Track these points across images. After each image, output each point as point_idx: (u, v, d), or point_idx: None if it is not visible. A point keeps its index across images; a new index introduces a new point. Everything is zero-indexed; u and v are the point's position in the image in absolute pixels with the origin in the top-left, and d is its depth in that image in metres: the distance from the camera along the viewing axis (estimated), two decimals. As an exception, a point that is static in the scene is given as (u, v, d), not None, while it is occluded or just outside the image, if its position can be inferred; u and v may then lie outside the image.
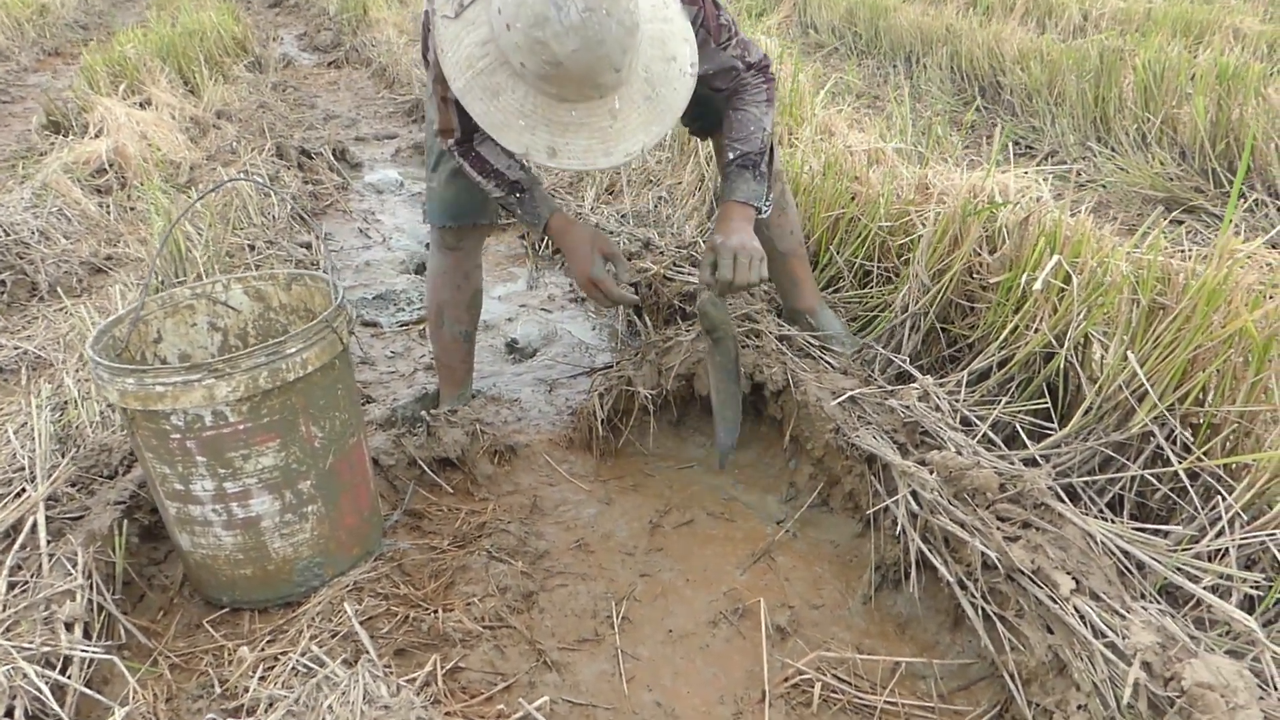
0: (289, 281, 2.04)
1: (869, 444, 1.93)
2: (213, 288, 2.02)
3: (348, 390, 1.84)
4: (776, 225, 2.45)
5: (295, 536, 1.79)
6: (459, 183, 2.29)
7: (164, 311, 1.97)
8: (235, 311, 2.05)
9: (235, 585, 1.80)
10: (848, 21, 8.57)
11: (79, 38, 9.65)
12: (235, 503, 1.71)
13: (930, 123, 4.04)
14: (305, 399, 1.71)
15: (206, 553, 1.77)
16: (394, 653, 1.70)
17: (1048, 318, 2.04)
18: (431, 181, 2.36)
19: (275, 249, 3.44)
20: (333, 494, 1.81)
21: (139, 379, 1.59)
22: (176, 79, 5.99)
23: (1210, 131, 4.21)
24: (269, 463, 1.70)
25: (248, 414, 1.64)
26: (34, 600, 1.61)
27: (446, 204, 2.35)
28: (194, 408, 1.60)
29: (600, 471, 2.34)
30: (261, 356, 1.62)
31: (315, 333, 1.70)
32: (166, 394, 1.59)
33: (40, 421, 2.13)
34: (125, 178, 4.32)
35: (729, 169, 2.09)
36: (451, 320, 2.46)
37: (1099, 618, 1.43)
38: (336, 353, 1.76)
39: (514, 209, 2.14)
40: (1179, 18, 6.65)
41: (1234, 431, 1.73)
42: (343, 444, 1.82)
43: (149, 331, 1.94)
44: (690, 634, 1.80)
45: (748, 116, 2.10)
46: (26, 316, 3.14)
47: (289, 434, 1.71)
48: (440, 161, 2.32)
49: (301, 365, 1.67)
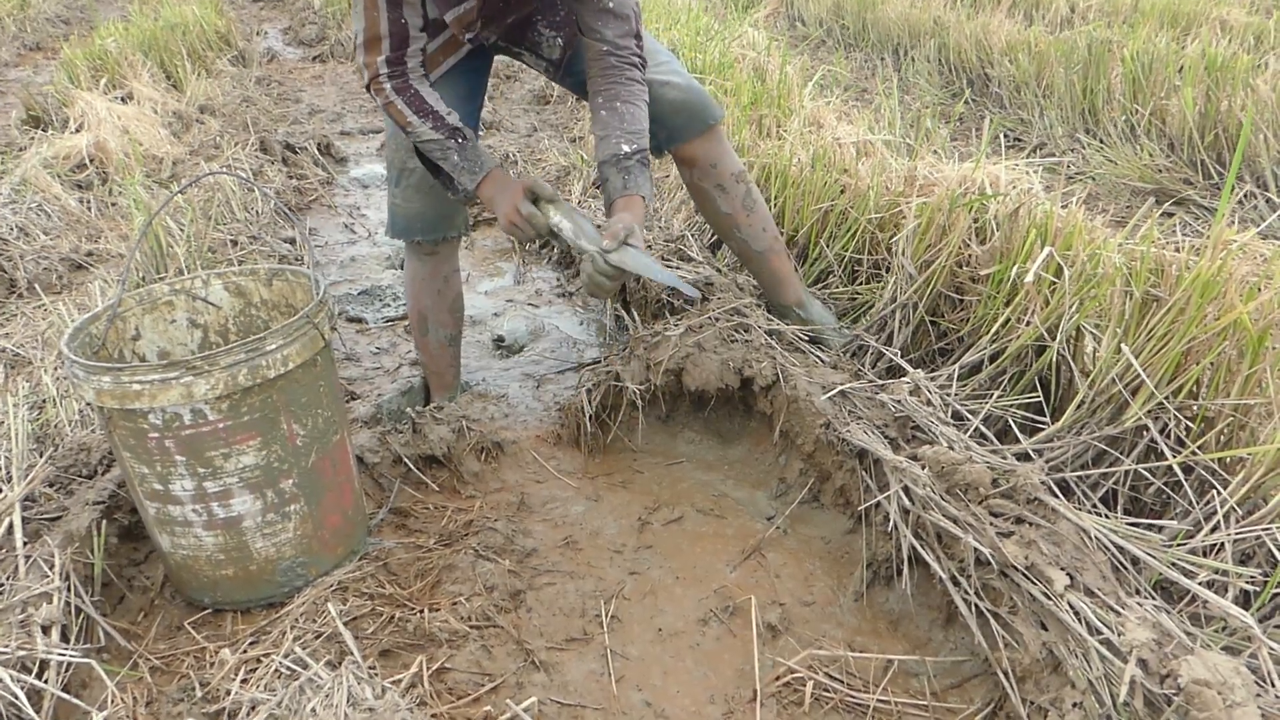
0: (270, 277, 2.00)
1: (860, 439, 1.91)
2: (192, 283, 1.98)
3: (330, 387, 1.81)
4: (748, 226, 2.43)
5: (278, 536, 1.75)
6: (424, 197, 2.26)
7: (142, 308, 1.93)
8: (215, 308, 2.01)
9: (217, 586, 1.77)
10: (835, 14, 8.55)
11: (60, 32, 9.54)
12: (216, 502, 1.68)
13: (919, 115, 4.03)
14: (286, 396, 1.68)
15: (187, 553, 1.73)
16: (379, 654, 1.67)
17: (1039, 310, 2.02)
18: (395, 197, 2.31)
19: (258, 244, 3.40)
20: (316, 493, 1.78)
21: (115, 377, 1.55)
22: (159, 73, 5.92)
23: (1199, 123, 4.20)
24: (250, 461, 1.67)
25: (227, 412, 1.61)
26: (10, 603, 1.57)
27: (411, 219, 2.31)
28: (172, 406, 1.57)
29: (588, 468, 2.31)
30: (241, 353, 1.59)
31: (296, 328, 1.67)
32: (143, 392, 1.55)
33: (17, 420, 2.09)
34: (106, 173, 4.26)
35: (628, 163, 2.02)
36: (436, 325, 2.44)
37: (1094, 614, 1.41)
38: (318, 349, 1.72)
39: (449, 156, 2.02)
40: (1166, 9, 6.65)
41: (1229, 425, 1.72)
42: (326, 442, 1.79)
43: (127, 328, 1.91)
44: (680, 632, 1.78)
45: (639, 113, 2.06)
46: (5, 313, 3.09)
47: (270, 432, 1.68)
48: (402, 177, 2.26)
49: (282, 362, 1.64)
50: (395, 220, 2.34)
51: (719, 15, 6.69)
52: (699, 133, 2.31)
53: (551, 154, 4.68)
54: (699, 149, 2.34)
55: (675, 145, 2.32)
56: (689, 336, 2.28)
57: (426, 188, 2.23)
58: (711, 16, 5.94)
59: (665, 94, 2.24)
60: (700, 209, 2.50)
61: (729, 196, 2.40)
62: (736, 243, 2.49)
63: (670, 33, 5.13)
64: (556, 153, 4.68)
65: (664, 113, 2.25)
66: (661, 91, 2.23)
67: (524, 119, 5.68)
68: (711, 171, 2.37)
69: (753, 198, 2.44)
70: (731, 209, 2.41)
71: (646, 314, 2.74)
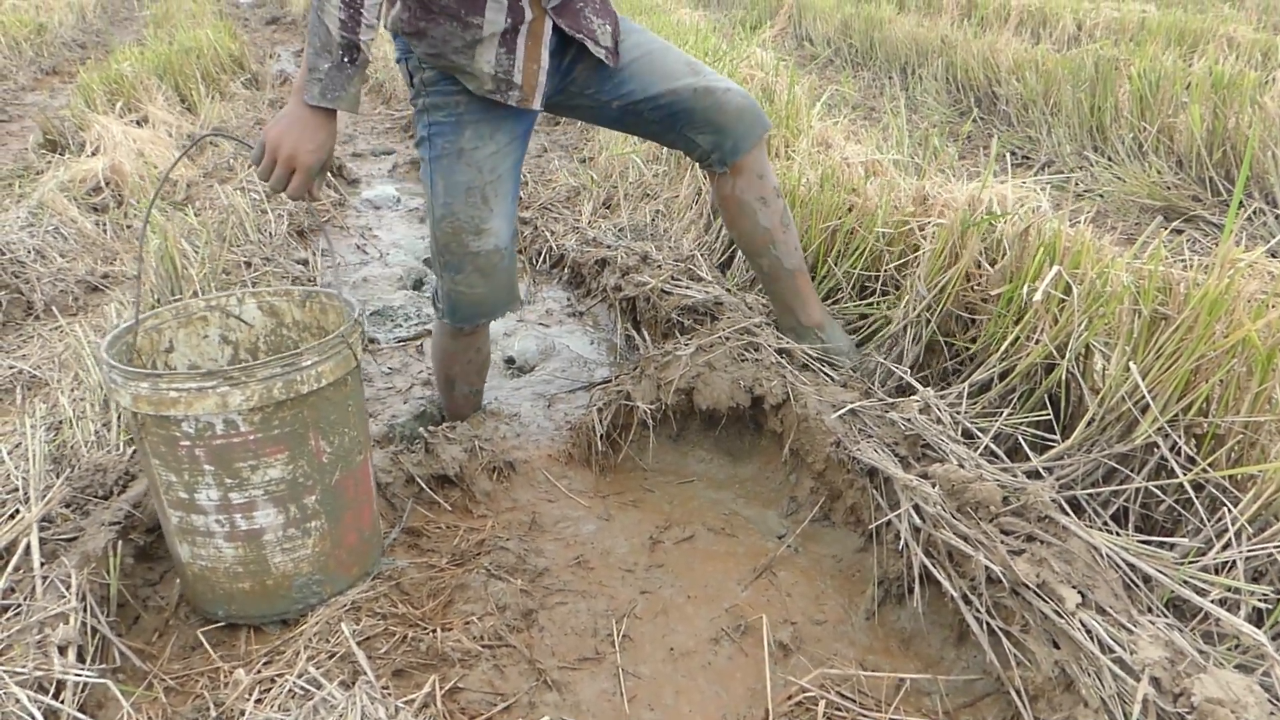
0: (304, 299, 2.04)
1: (870, 457, 1.91)
2: (227, 300, 2.03)
3: (358, 408, 1.84)
4: (784, 243, 2.37)
5: (297, 552, 1.77)
6: (489, 280, 2.15)
7: (178, 321, 1.97)
8: (248, 326, 2.05)
9: (232, 599, 1.79)
10: (843, 33, 8.60)
11: (76, 56, 9.66)
12: (239, 514, 1.70)
13: (926, 134, 4.04)
14: (317, 413, 1.71)
15: (206, 564, 1.75)
16: (392, 673, 1.67)
17: (1048, 329, 2.02)
18: (456, 284, 2.16)
19: (271, 265, 3.43)
20: (337, 511, 1.80)
21: (153, 384, 1.59)
22: (173, 96, 5.99)
23: (1207, 140, 4.21)
24: (276, 475, 1.69)
25: (259, 424, 1.64)
26: (27, 624, 1.59)
27: (478, 304, 2.19)
28: (206, 415, 1.60)
29: (599, 487, 2.32)
30: (277, 367, 1.63)
31: (331, 347, 1.70)
32: (180, 399, 1.59)
33: (34, 442, 2.11)
34: (121, 195, 4.32)
35: None
36: (463, 383, 2.44)
37: (1106, 632, 1.41)
38: (350, 369, 1.76)
39: (321, 64, 1.76)
40: (1173, 27, 6.67)
41: (1239, 442, 1.72)
42: (350, 461, 1.81)
43: (161, 340, 1.95)
44: (692, 651, 1.78)
45: None
46: (22, 335, 3.13)
47: (298, 447, 1.70)
48: (465, 262, 2.12)
49: (316, 378, 1.67)
50: (459, 309, 2.20)
51: (727, 36, 6.73)
52: (757, 140, 2.27)
53: (561, 174, 4.71)
54: (753, 158, 2.29)
55: (741, 154, 2.26)
56: (699, 356, 2.30)
57: (490, 268, 2.14)
58: (720, 37, 5.98)
59: (730, 100, 2.19)
60: (734, 224, 2.41)
61: (770, 210, 2.34)
62: (769, 260, 2.40)
63: (679, 54, 5.16)
64: (566, 173, 4.72)
65: (729, 120, 2.20)
66: (727, 98, 2.18)
67: (534, 139, 5.72)
68: (758, 182, 2.31)
69: (789, 214, 2.40)
70: (770, 224, 2.35)
71: (657, 333, 2.75)
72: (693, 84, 2.18)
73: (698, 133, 2.23)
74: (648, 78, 2.16)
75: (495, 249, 2.12)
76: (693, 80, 2.18)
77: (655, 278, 2.86)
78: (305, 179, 1.79)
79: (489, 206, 2.09)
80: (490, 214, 2.09)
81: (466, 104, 2.04)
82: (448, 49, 1.96)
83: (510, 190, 2.13)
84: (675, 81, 2.17)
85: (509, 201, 2.13)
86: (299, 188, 1.79)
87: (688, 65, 2.20)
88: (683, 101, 2.18)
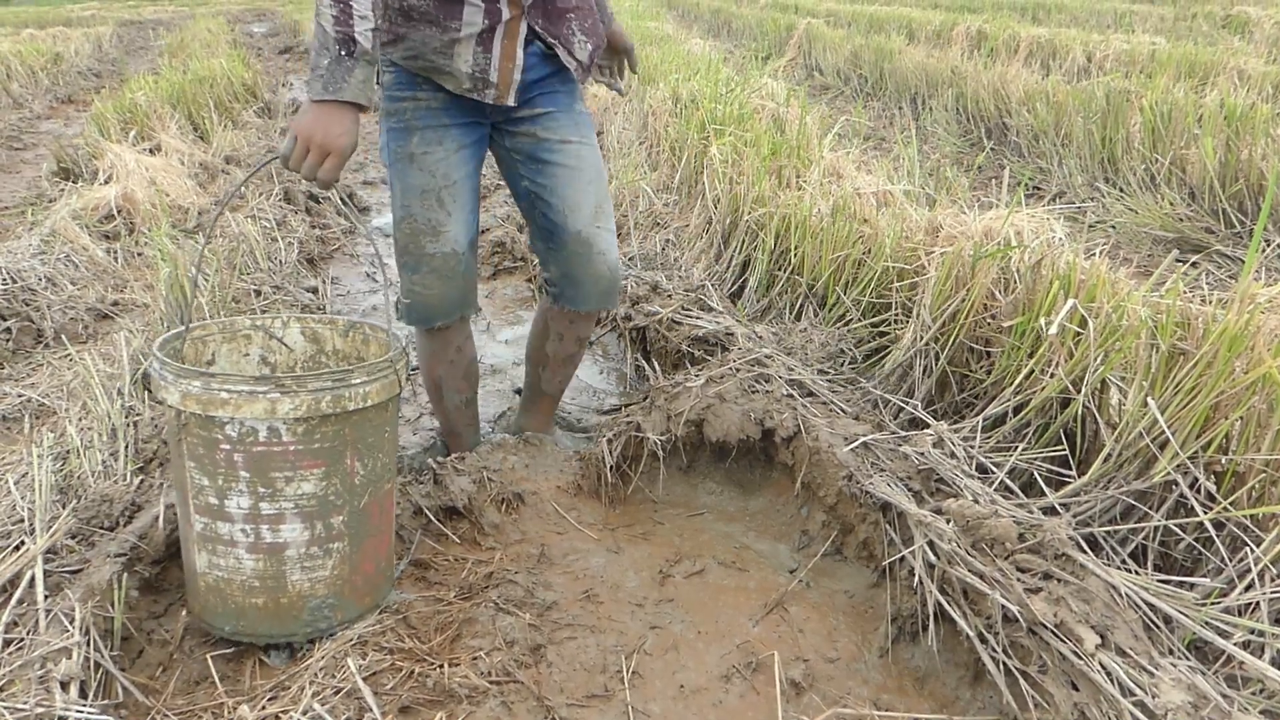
0: (347, 329, 2.06)
1: (883, 491, 1.89)
2: (272, 322, 2.05)
3: (393, 435, 1.86)
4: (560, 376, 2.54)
5: (315, 572, 1.76)
6: (445, 281, 2.19)
7: (223, 336, 2.01)
8: (289, 349, 2.07)
9: (243, 614, 1.77)
10: (853, 64, 8.64)
11: (91, 85, 9.76)
12: (266, 525, 1.70)
13: (938, 164, 4.04)
14: (357, 432, 1.72)
15: (222, 574, 1.74)
16: (399, 710, 1.65)
17: (1064, 362, 2.00)
18: (413, 284, 2.20)
19: (281, 293, 3.44)
20: (360, 535, 1.80)
21: (205, 383, 1.61)
22: (186, 125, 6.04)
23: (1220, 172, 4.20)
24: (309, 489, 1.69)
25: (302, 435, 1.65)
26: (29, 658, 1.57)
27: (432, 306, 2.23)
28: (252, 419, 1.61)
29: (609, 519, 2.30)
30: (328, 381, 1.64)
31: (380, 370, 1.72)
32: (229, 401, 1.60)
33: (41, 472, 2.10)
34: (133, 223, 4.34)
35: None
36: (451, 391, 2.44)
37: (1126, 674, 1.38)
38: (393, 395, 1.78)
39: (321, 61, 1.78)
40: (1183, 59, 6.68)
41: (1261, 480, 1.69)
42: (379, 487, 1.81)
43: (205, 351, 1.98)
44: (703, 689, 1.75)
45: None
46: (31, 364, 3.13)
47: (335, 464, 1.71)
48: (422, 263, 2.17)
49: (362, 398, 1.69)
50: (414, 308, 2.24)
51: (739, 67, 6.77)
52: (594, 309, 2.36)
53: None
54: (585, 317, 2.40)
55: (577, 308, 2.34)
56: (710, 387, 2.28)
57: (447, 271, 2.18)
58: (731, 68, 6.01)
59: (598, 265, 2.26)
60: (537, 336, 2.51)
61: (569, 353, 2.48)
62: (541, 378, 2.55)
63: (690, 84, 5.19)
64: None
65: (585, 278, 2.27)
66: (597, 261, 2.25)
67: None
68: (575, 333, 2.44)
69: (579, 360, 2.53)
70: (562, 357, 2.48)
71: (667, 364, 2.74)
72: (581, 228, 2.23)
73: (554, 261, 2.30)
74: (561, 187, 2.22)
75: (452, 252, 2.17)
76: (585, 226, 2.23)
77: (665, 308, 2.85)
78: (338, 162, 1.81)
79: (445, 210, 2.14)
80: (447, 218, 2.15)
81: (414, 110, 2.11)
82: (427, 49, 2.02)
83: (467, 198, 2.18)
84: (573, 212, 2.23)
85: (466, 209, 2.19)
86: (331, 170, 1.81)
87: (595, 208, 2.25)
88: (563, 232, 2.24)
